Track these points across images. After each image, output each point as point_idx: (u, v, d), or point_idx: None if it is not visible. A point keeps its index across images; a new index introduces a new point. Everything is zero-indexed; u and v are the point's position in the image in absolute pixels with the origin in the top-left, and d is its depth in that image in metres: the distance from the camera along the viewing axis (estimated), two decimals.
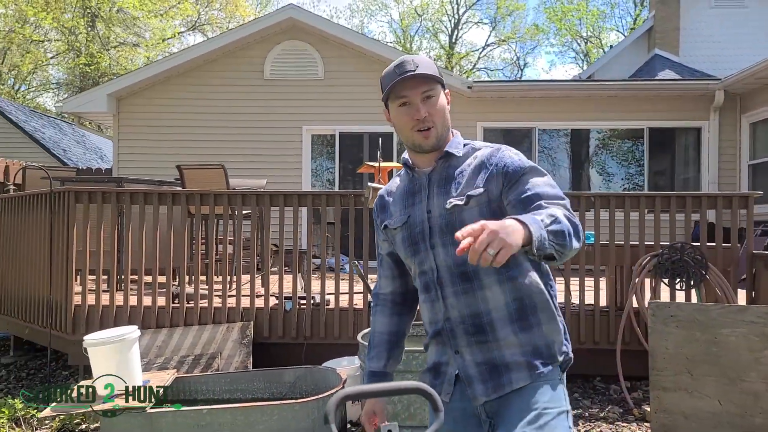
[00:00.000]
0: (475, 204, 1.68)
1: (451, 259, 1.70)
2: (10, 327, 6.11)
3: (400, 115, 1.75)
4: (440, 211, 1.73)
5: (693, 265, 4.58)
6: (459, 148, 1.79)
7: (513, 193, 1.66)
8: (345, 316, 4.89)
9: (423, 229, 1.76)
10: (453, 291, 1.72)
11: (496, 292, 1.68)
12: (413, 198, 1.81)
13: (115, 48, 24.68)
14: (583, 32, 35.39)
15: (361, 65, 9.74)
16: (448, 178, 1.76)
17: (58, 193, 4.94)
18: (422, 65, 1.73)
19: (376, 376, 1.94)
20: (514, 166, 1.69)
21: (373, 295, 2.04)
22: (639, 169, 10.28)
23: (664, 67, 13.74)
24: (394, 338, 1.97)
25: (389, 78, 1.75)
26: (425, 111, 1.71)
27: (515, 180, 1.67)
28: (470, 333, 1.70)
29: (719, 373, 3.71)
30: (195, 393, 4.27)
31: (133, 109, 9.83)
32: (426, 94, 1.73)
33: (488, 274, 1.68)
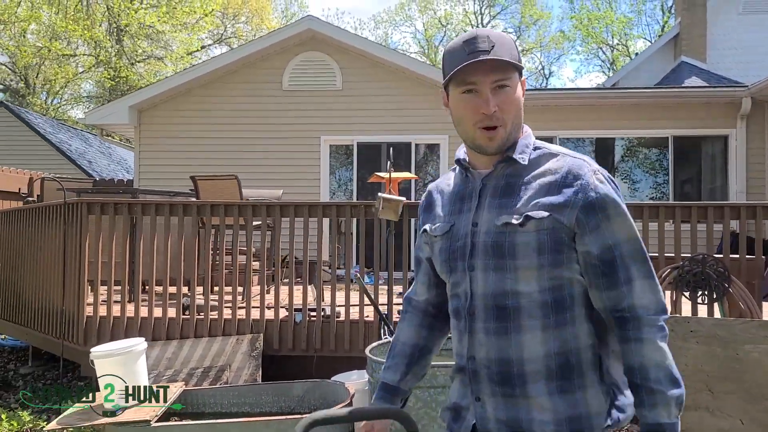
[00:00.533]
0: (534, 228, 1.37)
1: (491, 287, 1.41)
2: (29, 337, 6.16)
3: (461, 104, 1.43)
4: (489, 227, 1.43)
5: (715, 278, 4.41)
6: (526, 152, 1.46)
7: (591, 242, 1.38)
8: (356, 329, 4.82)
9: (465, 244, 1.46)
10: (484, 327, 1.42)
11: (536, 339, 1.39)
12: (462, 204, 1.52)
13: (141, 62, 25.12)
14: (609, 40, 35.04)
15: (379, 75, 9.72)
16: (508, 187, 1.44)
17: (71, 205, 4.97)
18: (499, 45, 1.40)
19: (386, 391, 1.65)
20: (599, 200, 1.37)
21: (404, 299, 1.78)
22: (664, 179, 10.06)
23: (691, 74, 13.50)
24: (418, 353, 1.69)
25: (455, 56, 1.42)
26: (495, 105, 1.39)
27: (597, 222, 1.37)
28: (495, 381, 1.42)
29: (742, 391, 3.55)
30: (203, 406, 4.23)
31: (154, 121, 9.93)
32: (499, 83, 1.40)
33: (532, 316, 1.39)
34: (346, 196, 10.09)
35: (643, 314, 1.35)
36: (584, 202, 1.36)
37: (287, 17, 35.57)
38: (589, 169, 1.40)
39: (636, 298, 1.36)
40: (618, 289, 1.37)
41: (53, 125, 18.09)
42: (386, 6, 60.91)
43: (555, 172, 1.41)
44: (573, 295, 1.40)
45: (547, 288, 1.38)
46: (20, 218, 5.95)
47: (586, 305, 1.42)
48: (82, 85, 32.05)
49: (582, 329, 1.40)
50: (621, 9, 36.32)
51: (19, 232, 5.95)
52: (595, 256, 1.37)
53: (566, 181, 1.39)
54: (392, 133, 9.64)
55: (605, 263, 1.37)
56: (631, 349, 1.35)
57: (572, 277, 1.40)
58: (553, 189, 1.39)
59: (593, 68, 44.64)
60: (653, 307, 1.37)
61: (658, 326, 1.35)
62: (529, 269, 1.37)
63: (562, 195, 1.37)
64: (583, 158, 1.44)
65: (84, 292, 4.89)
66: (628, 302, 1.36)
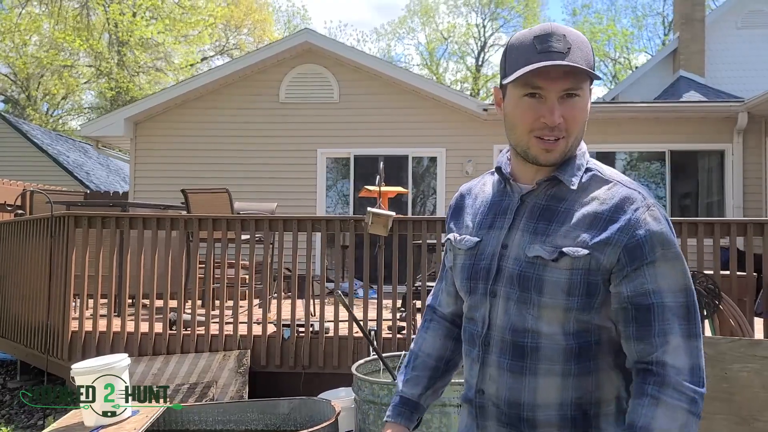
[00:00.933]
0: (568, 266, 1.22)
1: (511, 321, 1.28)
2: (16, 351, 6.12)
3: (521, 107, 1.26)
4: (519, 254, 1.28)
5: (705, 295, 4.36)
6: (576, 175, 1.29)
7: (626, 284, 1.20)
8: (345, 345, 4.77)
9: (490, 266, 1.32)
10: (498, 361, 1.30)
11: (553, 385, 1.25)
12: (494, 219, 1.36)
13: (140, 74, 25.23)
14: (611, 53, 35.14)
15: (376, 88, 9.71)
16: (548, 211, 1.28)
17: (58, 218, 4.94)
18: (575, 48, 1.23)
19: (405, 406, 1.52)
20: (648, 240, 1.20)
21: (427, 308, 1.62)
22: (661, 194, 10.02)
23: (689, 88, 13.51)
24: (444, 366, 1.55)
25: (522, 52, 1.25)
26: (560, 115, 1.22)
27: (638, 264, 1.19)
28: (503, 422, 1.30)
29: (731, 411, 3.49)
30: (187, 423, 4.18)
31: (150, 133, 9.93)
32: (569, 91, 1.23)
33: (551, 360, 1.24)
34: (343, 209, 10.06)
35: (672, 375, 1.16)
36: (629, 242, 1.19)
37: (290, 29, 35.70)
38: (642, 203, 1.22)
39: (668, 355, 1.17)
40: (649, 340, 1.19)
41: (51, 137, 18.14)
42: (389, 19, 61.23)
43: (603, 203, 1.24)
44: (600, 342, 1.26)
45: (572, 332, 1.24)
46: (7, 231, 5.92)
47: (616, 353, 1.27)
48: (83, 97, 32.21)
49: (607, 379, 1.26)
50: (623, 23, 36.43)
51: (6, 245, 5.92)
52: (626, 297, 1.20)
53: (615, 215, 1.21)
54: (389, 146, 9.63)
55: (639, 309, 1.20)
56: (642, 406, 1.17)
57: (602, 324, 1.25)
58: (597, 223, 1.22)
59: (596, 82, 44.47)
60: (687, 373, 1.17)
61: (687, 396, 1.15)
62: (555, 310, 1.23)
63: (607, 231, 1.20)
64: (639, 189, 1.26)
65: (69, 307, 4.85)
66: (657, 356, 1.18)
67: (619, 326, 1.24)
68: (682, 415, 1.15)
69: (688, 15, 14.52)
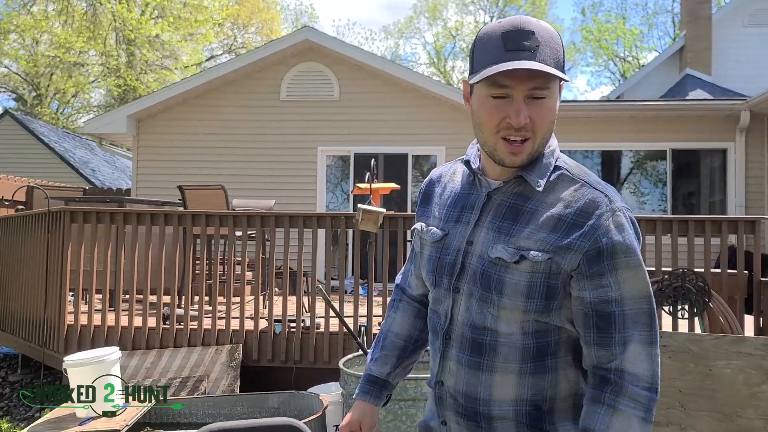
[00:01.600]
0: (528, 270, 1.21)
1: (471, 318, 1.29)
2: (16, 345, 6.20)
3: (486, 107, 1.23)
4: (482, 253, 1.28)
5: (695, 293, 4.36)
6: (544, 175, 1.27)
7: (588, 290, 1.20)
8: (335, 341, 4.80)
9: (455, 262, 1.32)
10: (457, 356, 1.31)
11: (509, 382, 1.26)
12: (461, 212, 1.36)
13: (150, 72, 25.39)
14: (620, 52, 34.98)
15: (376, 86, 9.74)
16: (513, 210, 1.28)
17: (54, 213, 5.00)
18: (544, 45, 1.19)
19: (373, 384, 1.56)
20: (609, 248, 1.18)
21: (396, 288, 1.63)
22: (662, 192, 9.99)
23: (695, 87, 13.45)
24: (411, 345, 1.57)
25: (489, 49, 1.21)
26: (526, 116, 1.20)
27: (599, 271, 1.19)
28: (460, 413, 1.32)
29: (714, 408, 3.49)
30: (177, 416, 4.22)
31: (152, 130, 10.00)
32: (535, 92, 1.20)
33: (508, 358, 1.26)
34: (343, 207, 10.10)
35: (629, 384, 1.18)
36: (591, 248, 1.18)
37: (298, 28, 35.78)
38: (607, 209, 1.20)
39: (627, 363, 1.18)
40: (609, 348, 1.20)
41: (58, 134, 18.30)
42: (397, 17, 61.28)
43: (568, 206, 1.22)
44: (559, 342, 1.27)
45: (530, 332, 1.25)
46: (6, 226, 6.00)
47: (574, 352, 1.28)
48: (92, 95, 32.42)
49: (564, 377, 1.28)
50: (632, 21, 36.24)
51: (6, 240, 6.00)
52: (588, 303, 1.20)
53: (578, 219, 1.20)
54: (389, 144, 9.65)
55: (600, 316, 1.20)
56: (598, 413, 1.18)
57: (561, 325, 1.26)
58: (561, 226, 1.21)
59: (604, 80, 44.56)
60: (646, 381, 1.18)
61: (642, 404, 1.17)
62: (514, 311, 1.24)
63: (570, 236, 1.19)
64: (606, 192, 1.24)
65: (65, 301, 4.91)
66: (616, 364, 1.19)
67: (579, 329, 1.24)
68: (636, 423, 1.17)
69: (695, 12, 14.45)
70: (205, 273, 5.03)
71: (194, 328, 4.88)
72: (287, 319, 4.86)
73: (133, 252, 4.88)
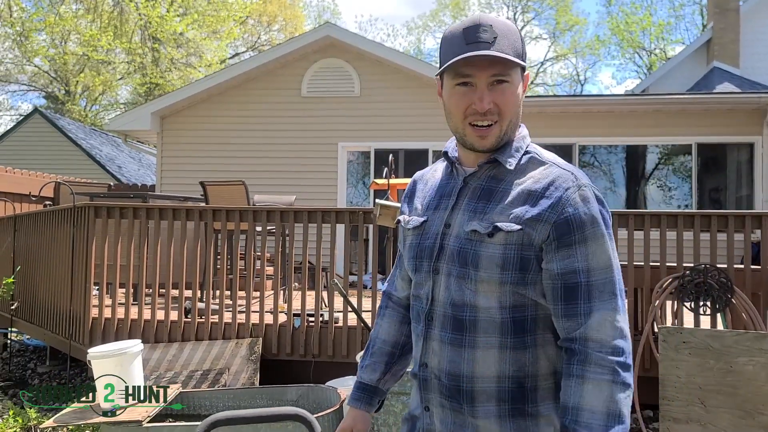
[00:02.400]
0: (502, 242, 1.27)
1: (451, 296, 1.33)
2: (45, 337, 6.35)
3: (454, 96, 1.33)
4: (459, 232, 1.34)
5: (717, 289, 4.30)
6: (514, 156, 1.35)
7: (557, 260, 1.26)
8: (353, 335, 4.83)
9: (434, 245, 1.38)
10: (440, 335, 1.35)
11: (490, 357, 1.30)
12: (440, 200, 1.43)
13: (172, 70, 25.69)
14: (646, 44, 34.47)
15: (397, 81, 9.74)
16: (487, 191, 1.35)
17: (79, 209, 5.10)
18: (502, 36, 1.29)
19: (364, 391, 1.59)
20: (576, 218, 1.26)
21: (383, 294, 1.68)
22: (687, 187, 9.85)
23: (722, 80, 13.22)
24: (399, 351, 1.61)
25: (452, 44, 1.31)
26: (490, 101, 1.29)
27: (567, 241, 1.26)
28: (444, 394, 1.35)
29: (734, 405, 3.45)
30: (198, 408, 4.29)
31: (175, 127, 10.13)
32: (497, 77, 1.29)
33: (488, 333, 1.30)
34: (364, 202, 10.14)
35: (592, 351, 1.23)
36: (558, 219, 1.25)
37: (319, 24, 35.90)
38: (573, 183, 1.28)
39: (590, 330, 1.24)
40: (575, 318, 1.26)
41: (86, 131, 18.63)
42: (420, 12, 61.07)
43: (537, 181, 1.30)
44: (536, 318, 1.31)
45: (507, 306, 1.29)
46: (35, 222, 6.14)
47: (552, 330, 1.32)
48: (119, 92, 32.91)
49: (543, 354, 1.31)
50: (659, 14, 35.75)
51: (35, 235, 6.14)
52: (556, 275, 1.26)
53: (546, 192, 1.28)
54: (410, 139, 9.65)
55: (567, 288, 1.26)
56: (570, 386, 1.23)
57: (537, 300, 1.31)
58: (530, 200, 1.28)
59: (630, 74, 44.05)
60: (608, 345, 1.23)
61: (608, 368, 1.22)
62: (490, 283, 1.29)
63: (538, 207, 1.27)
64: (573, 171, 1.32)
65: (90, 294, 5.01)
66: (580, 332, 1.24)
67: (550, 304, 1.30)
68: (607, 388, 1.21)
69: (722, 4, 14.18)
70: (226, 267, 5.09)
71: (215, 322, 4.95)
72: (306, 313, 4.90)
73: (155, 247, 4.96)
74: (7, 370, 6.63)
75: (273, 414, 1.32)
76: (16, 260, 6.27)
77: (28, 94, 36.95)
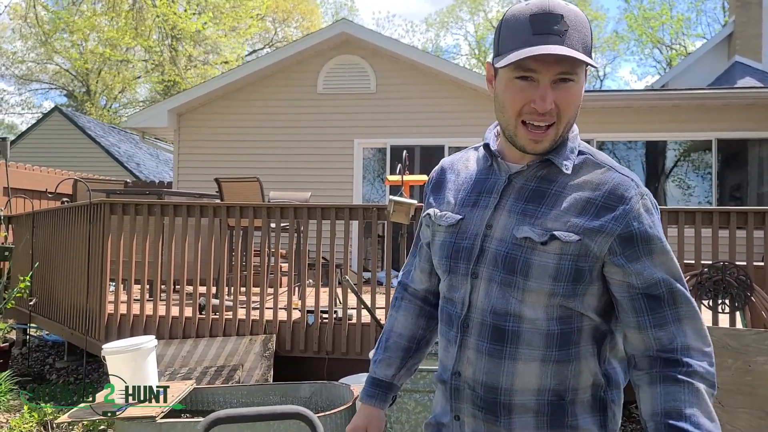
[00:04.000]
0: (557, 251, 1.19)
1: (493, 303, 1.25)
2: (63, 333, 6.41)
3: (511, 90, 1.22)
4: (504, 235, 1.25)
5: (736, 286, 4.22)
6: (570, 158, 1.26)
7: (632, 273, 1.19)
8: (367, 332, 4.82)
9: (473, 246, 1.28)
10: (477, 344, 1.27)
11: (531, 370, 1.23)
12: (479, 196, 1.32)
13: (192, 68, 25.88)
14: (665, 39, 34.05)
15: (413, 78, 9.70)
16: (537, 193, 1.26)
17: (95, 205, 5.14)
18: (573, 29, 1.17)
19: (378, 387, 1.53)
20: (642, 233, 1.19)
21: (399, 285, 1.59)
22: (707, 184, 9.70)
23: (744, 74, 13.02)
24: (415, 345, 1.54)
25: (517, 31, 1.19)
26: (552, 101, 1.19)
27: (637, 255, 1.19)
28: (478, 405, 1.28)
29: (754, 405, 3.38)
30: (212, 404, 4.31)
31: (192, 124, 10.18)
32: (562, 75, 1.18)
33: (532, 345, 1.23)
34: (380, 198, 10.12)
35: (697, 361, 1.17)
36: (623, 232, 1.18)
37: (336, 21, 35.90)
38: (636, 192, 1.21)
39: (690, 340, 1.18)
40: (667, 328, 1.19)
41: (104, 129, 18.84)
42: (438, 8, 60.86)
43: (596, 188, 1.21)
44: (582, 330, 1.25)
45: (555, 318, 1.23)
46: (53, 218, 6.20)
47: (595, 341, 1.26)
48: (137, 90, 33.24)
49: (586, 367, 1.25)
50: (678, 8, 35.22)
51: (52, 232, 6.20)
52: (639, 288, 1.19)
53: (608, 202, 1.19)
54: (426, 135, 9.61)
55: (651, 298, 1.19)
56: (672, 392, 1.15)
57: (584, 312, 1.24)
58: (590, 208, 1.20)
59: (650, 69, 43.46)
60: (709, 355, 1.19)
61: (709, 381, 1.17)
62: (540, 294, 1.22)
63: (600, 219, 1.18)
64: (631, 177, 1.24)
65: (105, 290, 5.05)
66: (680, 342, 1.18)
67: (628, 316, 1.22)
68: (707, 400, 1.16)
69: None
70: (240, 264, 5.10)
71: (229, 318, 4.97)
72: (320, 310, 4.90)
73: (170, 243, 4.98)
74: (26, 365, 6.71)
75: (275, 413, 1.30)
76: (35, 257, 6.34)
77: (50, 93, 37.49)
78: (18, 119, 36.61)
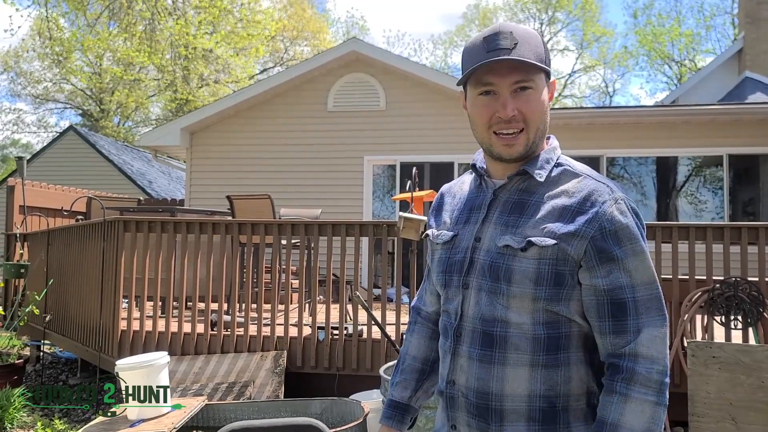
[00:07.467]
0: (536, 256, 1.24)
1: (481, 310, 1.30)
2: (76, 349, 6.45)
3: (477, 106, 1.32)
4: (490, 246, 1.31)
5: (749, 302, 4.20)
6: (544, 167, 1.33)
7: (600, 276, 1.23)
8: (377, 348, 4.82)
9: (464, 259, 1.35)
10: (468, 351, 1.32)
11: (521, 375, 1.26)
12: (470, 214, 1.40)
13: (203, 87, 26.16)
14: (675, 55, 34.06)
15: (422, 95, 9.77)
16: (519, 204, 1.32)
17: (109, 223, 5.20)
18: (522, 42, 1.26)
19: (396, 409, 1.56)
20: (614, 233, 1.23)
21: (412, 309, 1.65)
22: (719, 200, 9.65)
23: (755, 90, 13.01)
24: (429, 367, 1.57)
25: (473, 54, 1.29)
26: (513, 108, 1.27)
27: (608, 257, 1.22)
28: (472, 413, 1.31)
29: (766, 422, 3.35)
30: (224, 420, 4.32)
31: (204, 142, 10.29)
32: (520, 84, 1.27)
33: (519, 349, 1.26)
34: (391, 216, 10.14)
35: (642, 370, 1.20)
36: (596, 234, 1.22)
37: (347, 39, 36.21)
38: (610, 197, 1.25)
39: (641, 347, 1.21)
40: (624, 335, 1.23)
41: (117, 147, 19.05)
42: (448, 28, 61.25)
43: (572, 195, 1.27)
44: (570, 335, 1.27)
45: (541, 322, 1.26)
46: (67, 236, 6.27)
47: (586, 349, 1.29)
48: (151, 108, 33.60)
49: (576, 373, 1.27)
50: (688, 24, 35.30)
51: (66, 249, 6.27)
52: (602, 291, 1.23)
53: (582, 207, 1.24)
54: (435, 152, 9.65)
55: (614, 304, 1.23)
56: (611, 403, 1.21)
57: (571, 317, 1.27)
58: (566, 214, 1.25)
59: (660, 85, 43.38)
60: (660, 363, 1.22)
61: (654, 388, 1.20)
62: (523, 299, 1.26)
63: (574, 223, 1.23)
64: (607, 183, 1.29)
65: (119, 307, 5.09)
66: (630, 348, 1.22)
67: (593, 320, 1.26)
68: (649, 408, 1.19)
69: (754, 14, 13.99)
70: (251, 280, 5.14)
71: (240, 335, 4.99)
72: (330, 326, 4.92)
73: (182, 260, 5.03)
74: (39, 381, 6.75)
75: (288, 424, 1.32)
76: (49, 274, 6.40)
77: (65, 112, 38.00)
78: (34, 138, 37.13)
